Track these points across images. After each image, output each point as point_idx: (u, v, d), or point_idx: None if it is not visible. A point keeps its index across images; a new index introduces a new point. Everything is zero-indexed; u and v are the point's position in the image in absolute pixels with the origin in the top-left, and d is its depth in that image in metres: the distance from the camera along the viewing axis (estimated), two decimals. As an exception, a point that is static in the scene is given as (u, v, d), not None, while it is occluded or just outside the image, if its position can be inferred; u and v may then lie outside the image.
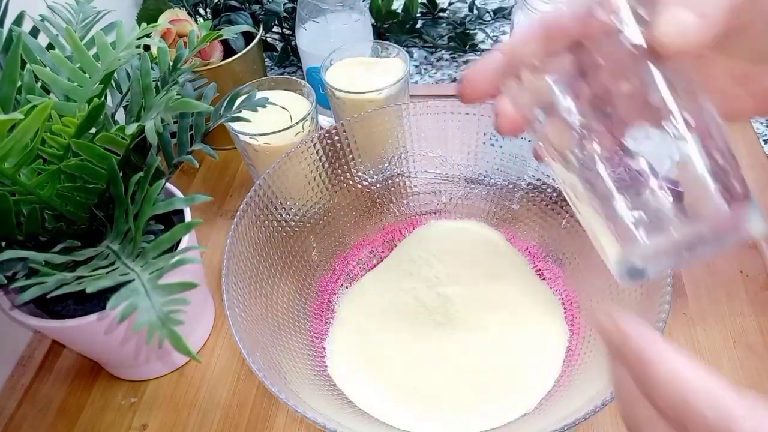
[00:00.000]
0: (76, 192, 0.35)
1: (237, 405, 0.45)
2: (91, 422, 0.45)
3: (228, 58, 0.59)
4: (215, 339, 0.50)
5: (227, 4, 0.64)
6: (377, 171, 0.50)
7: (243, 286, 0.40)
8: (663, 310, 0.34)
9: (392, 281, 0.49)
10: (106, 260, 0.33)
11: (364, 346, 0.45)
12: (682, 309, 0.48)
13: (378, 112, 0.47)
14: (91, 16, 0.44)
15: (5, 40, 0.40)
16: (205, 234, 0.58)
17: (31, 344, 0.51)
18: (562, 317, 0.45)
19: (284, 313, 0.44)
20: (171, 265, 0.29)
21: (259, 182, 0.43)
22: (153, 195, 0.33)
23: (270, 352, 0.38)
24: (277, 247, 0.45)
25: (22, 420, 0.46)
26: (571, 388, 0.39)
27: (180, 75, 0.40)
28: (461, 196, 0.53)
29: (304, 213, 0.48)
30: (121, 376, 0.48)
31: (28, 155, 0.31)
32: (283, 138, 0.50)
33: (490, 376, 0.42)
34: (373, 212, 0.52)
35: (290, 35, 0.76)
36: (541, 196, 0.49)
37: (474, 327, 0.45)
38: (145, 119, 0.34)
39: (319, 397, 0.39)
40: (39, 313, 0.40)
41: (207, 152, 0.41)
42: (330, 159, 0.48)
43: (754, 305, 0.48)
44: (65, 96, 0.35)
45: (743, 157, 0.58)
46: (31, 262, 0.33)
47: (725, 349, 0.45)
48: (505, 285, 0.47)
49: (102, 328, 0.39)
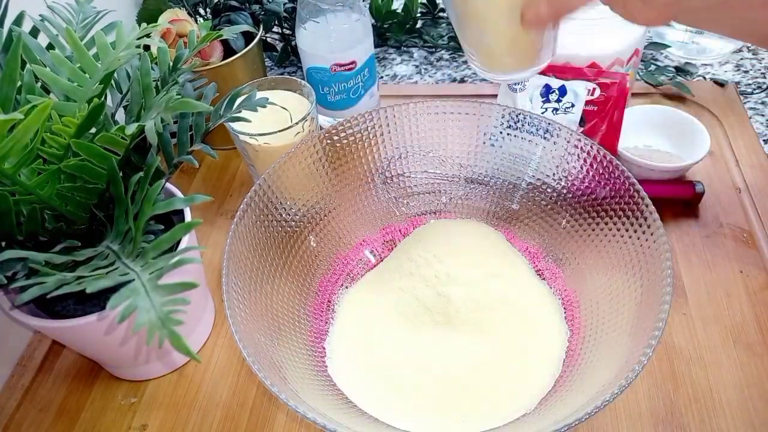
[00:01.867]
0: (76, 192, 0.35)
1: (237, 405, 0.45)
2: (91, 422, 0.45)
3: (228, 58, 0.59)
4: (215, 339, 0.50)
5: (227, 4, 0.64)
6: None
7: (243, 286, 0.40)
8: (663, 310, 0.34)
9: (392, 281, 0.49)
10: (106, 260, 0.33)
11: (364, 346, 0.45)
12: (682, 309, 0.48)
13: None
14: (91, 16, 0.44)
15: (5, 40, 0.40)
16: (205, 234, 0.58)
17: (31, 344, 0.51)
18: (562, 317, 0.45)
19: (284, 313, 0.44)
20: (171, 265, 0.29)
21: (259, 182, 0.44)
22: (153, 195, 0.33)
23: (270, 352, 0.38)
24: (277, 247, 0.45)
25: (22, 420, 0.46)
26: (571, 388, 0.39)
27: (180, 75, 0.40)
28: (461, 196, 0.53)
29: (304, 213, 0.48)
30: (121, 376, 0.48)
31: (28, 155, 0.31)
32: (283, 138, 0.50)
33: (490, 376, 0.42)
34: (373, 212, 0.52)
35: (290, 35, 0.76)
36: (541, 196, 0.49)
37: (474, 327, 0.45)
38: (145, 119, 0.34)
39: (319, 397, 0.39)
40: (39, 313, 0.40)
41: (207, 152, 0.41)
42: (330, 159, 0.48)
43: (754, 305, 0.48)
44: (65, 96, 0.35)
45: (743, 156, 0.59)
46: (31, 262, 0.33)
47: (725, 349, 0.45)
48: (505, 285, 0.47)
49: (102, 328, 0.39)
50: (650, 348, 0.33)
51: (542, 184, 0.48)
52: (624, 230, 0.42)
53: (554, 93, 0.52)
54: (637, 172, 0.54)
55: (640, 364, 0.32)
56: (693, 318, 0.47)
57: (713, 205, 0.55)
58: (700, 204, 0.55)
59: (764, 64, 0.70)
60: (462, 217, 0.53)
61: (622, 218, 0.42)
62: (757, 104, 0.65)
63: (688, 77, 0.68)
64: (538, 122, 0.46)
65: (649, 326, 0.35)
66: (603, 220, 0.44)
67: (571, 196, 0.47)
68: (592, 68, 0.52)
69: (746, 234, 0.53)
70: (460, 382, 0.42)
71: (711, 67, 0.70)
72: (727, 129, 0.62)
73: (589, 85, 0.51)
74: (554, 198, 0.48)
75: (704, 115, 0.63)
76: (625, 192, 0.42)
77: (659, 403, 0.43)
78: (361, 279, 0.50)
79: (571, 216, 0.47)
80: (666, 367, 0.45)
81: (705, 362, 0.45)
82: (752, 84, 0.68)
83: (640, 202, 0.40)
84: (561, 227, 0.48)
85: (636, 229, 0.41)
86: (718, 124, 0.62)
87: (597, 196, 0.44)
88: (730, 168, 0.58)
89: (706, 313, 0.48)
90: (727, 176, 0.57)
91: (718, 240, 0.52)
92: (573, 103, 0.52)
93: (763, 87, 0.67)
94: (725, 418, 0.42)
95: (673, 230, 0.53)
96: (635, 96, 0.66)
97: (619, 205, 0.42)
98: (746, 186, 0.56)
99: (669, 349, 0.46)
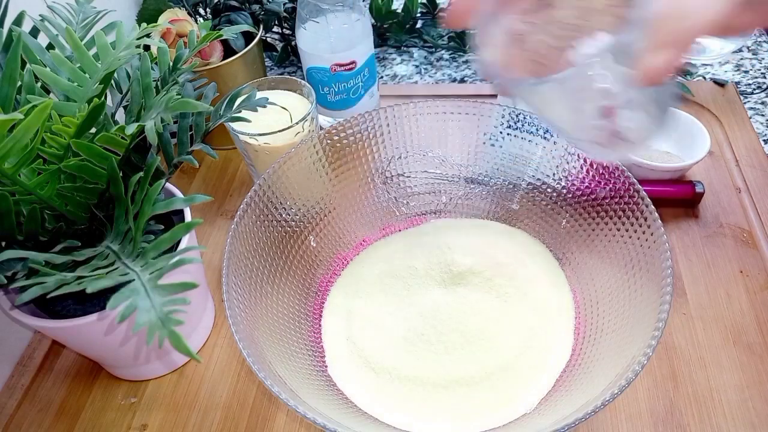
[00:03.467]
0: (76, 192, 0.35)
1: (237, 405, 0.45)
2: (91, 422, 0.45)
3: (228, 58, 0.59)
4: (215, 339, 0.50)
5: (227, 4, 0.64)
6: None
7: (243, 286, 0.40)
8: (663, 310, 0.34)
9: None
10: (106, 260, 0.33)
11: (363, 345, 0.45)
12: (682, 309, 0.48)
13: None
14: (91, 16, 0.44)
15: (5, 40, 0.40)
16: (205, 234, 0.58)
17: (31, 344, 0.51)
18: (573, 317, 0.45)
19: (284, 313, 0.44)
20: (171, 265, 0.29)
21: (259, 182, 0.43)
22: (153, 195, 0.33)
23: (270, 352, 0.38)
24: (277, 247, 0.45)
25: (22, 420, 0.46)
26: (571, 388, 0.39)
27: (180, 75, 0.40)
28: (461, 196, 0.53)
29: (304, 213, 0.48)
30: (121, 376, 0.48)
31: (28, 155, 0.31)
32: (283, 138, 0.50)
33: (491, 376, 0.42)
34: (373, 212, 0.52)
35: (290, 35, 0.76)
36: (541, 196, 0.49)
37: (474, 327, 0.45)
38: (145, 119, 0.34)
39: (319, 396, 0.39)
40: (39, 313, 0.40)
41: (207, 152, 0.41)
42: (330, 159, 0.48)
43: (754, 305, 0.48)
44: (65, 96, 0.35)
45: (743, 156, 0.59)
46: (31, 262, 0.33)
47: (725, 349, 0.45)
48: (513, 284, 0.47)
49: (102, 328, 0.39)
50: (650, 348, 0.33)
51: (542, 184, 0.48)
52: (624, 230, 0.42)
53: (554, 93, 0.52)
54: (637, 172, 0.54)
55: (640, 364, 0.32)
56: (693, 318, 0.47)
57: (713, 205, 0.55)
58: (700, 204, 0.55)
59: (764, 64, 0.70)
60: (462, 218, 0.53)
61: (622, 218, 0.42)
62: (757, 104, 0.65)
63: (688, 77, 0.68)
64: (538, 122, 0.47)
65: (649, 326, 0.35)
66: (603, 220, 0.44)
67: (571, 196, 0.47)
68: (592, 68, 0.52)
69: (746, 234, 0.53)
70: (460, 382, 0.42)
71: (711, 67, 0.70)
72: (727, 129, 0.62)
73: (589, 85, 0.51)
74: (554, 198, 0.48)
75: (704, 115, 0.63)
76: (625, 192, 0.42)
77: (659, 402, 0.43)
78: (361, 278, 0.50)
79: (571, 216, 0.47)
80: (666, 367, 0.45)
81: (705, 362, 0.45)
82: (752, 84, 0.68)
83: (640, 202, 0.40)
84: (561, 227, 0.48)
85: (636, 229, 0.41)
86: (718, 124, 0.62)
87: (597, 196, 0.44)
88: (730, 168, 0.58)
89: (706, 313, 0.48)
90: (727, 176, 0.57)
91: (718, 240, 0.52)
92: (573, 103, 0.52)
93: (763, 87, 0.67)
94: (725, 418, 0.42)
95: (673, 230, 0.53)
96: (635, 96, 0.66)
97: (619, 205, 0.42)
98: (746, 186, 0.56)
99: (669, 349, 0.46)
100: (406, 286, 0.48)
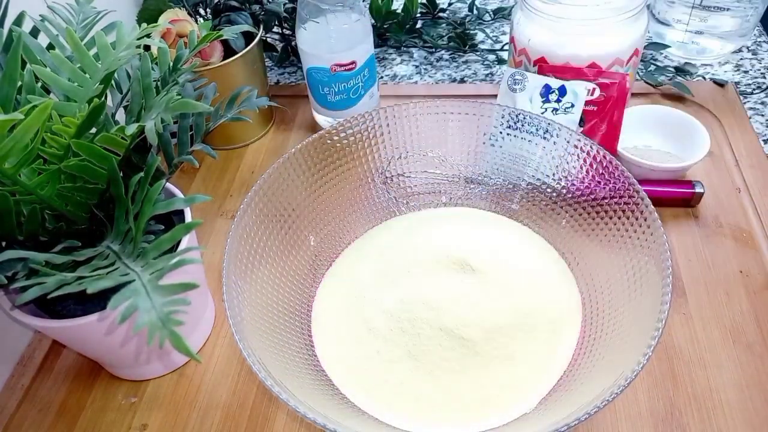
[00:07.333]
0: (76, 192, 0.35)
1: (237, 405, 0.45)
2: (91, 422, 0.46)
3: (228, 58, 0.59)
4: (215, 339, 0.50)
5: (227, 4, 0.64)
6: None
7: (243, 287, 0.40)
8: (663, 310, 0.34)
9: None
10: (106, 260, 0.33)
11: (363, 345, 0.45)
12: (682, 309, 0.48)
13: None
14: (91, 16, 0.44)
15: (5, 40, 0.40)
16: (205, 234, 0.58)
17: (31, 344, 0.51)
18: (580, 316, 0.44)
19: (284, 312, 0.44)
20: (171, 265, 0.29)
21: (259, 182, 0.44)
22: (153, 195, 0.33)
23: (270, 352, 0.38)
24: (277, 247, 0.45)
25: (22, 420, 0.46)
26: (571, 387, 0.39)
27: (180, 75, 0.40)
28: (461, 196, 0.53)
29: (304, 213, 0.48)
30: (121, 376, 0.48)
31: (28, 155, 0.31)
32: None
33: (491, 376, 0.42)
34: (373, 212, 0.52)
35: (290, 35, 0.76)
36: (541, 196, 0.49)
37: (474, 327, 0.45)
38: (145, 119, 0.34)
39: (319, 397, 0.39)
40: (39, 313, 0.40)
41: (207, 152, 0.41)
42: (330, 159, 0.48)
43: (754, 305, 0.48)
44: (65, 96, 0.35)
45: (743, 157, 0.59)
46: (32, 262, 0.33)
47: (725, 348, 0.45)
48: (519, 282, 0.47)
49: (102, 329, 0.39)
50: (650, 348, 0.33)
51: (542, 184, 0.48)
52: (624, 230, 0.42)
53: (554, 93, 0.52)
54: (637, 172, 0.54)
55: (640, 364, 0.32)
56: (693, 318, 0.47)
57: (713, 205, 0.55)
58: (700, 204, 0.55)
59: (764, 64, 0.70)
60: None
61: (622, 218, 0.42)
62: (757, 104, 0.65)
63: (688, 77, 0.68)
64: (537, 122, 0.47)
65: (649, 326, 0.35)
66: (603, 220, 0.44)
67: (570, 196, 0.47)
68: (591, 68, 0.52)
69: (746, 234, 0.53)
70: (460, 382, 0.42)
71: (711, 67, 0.70)
72: (727, 129, 0.62)
73: (589, 85, 0.51)
74: (554, 198, 0.48)
75: (704, 116, 0.63)
76: (625, 192, 0.42)
77: (659, 403, 0.43)
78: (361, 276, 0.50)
79: (571, 216, 0.47)
80: (666, 367, 0.45)
81: (705, 362, 0.45)
82: (752, 84, 0.68)
83: (640, 202, 0.40)
84: (561, 227, 0.48)
85: (636, 229, 0.41)
86: (718, 124, 0.62)
87: (597, 196, 0.44)
88: (730, 168, 0.58)
89: (706, 313, 0.48)
90: (727, 176, 0.57)
91: (718, 240, 0.52)
92: (573, 103, 0.52)
93: (763, 87, 0.67)
94: (725, 418, 0.42)
95: (673, 230, 0.53)
96: (635, 96, 0.66)
97: (619, 205, 0.42)
98: (746, 186, 0.56)
99: (669, 349, 0.46)
100: (403, 276, 0.47)
